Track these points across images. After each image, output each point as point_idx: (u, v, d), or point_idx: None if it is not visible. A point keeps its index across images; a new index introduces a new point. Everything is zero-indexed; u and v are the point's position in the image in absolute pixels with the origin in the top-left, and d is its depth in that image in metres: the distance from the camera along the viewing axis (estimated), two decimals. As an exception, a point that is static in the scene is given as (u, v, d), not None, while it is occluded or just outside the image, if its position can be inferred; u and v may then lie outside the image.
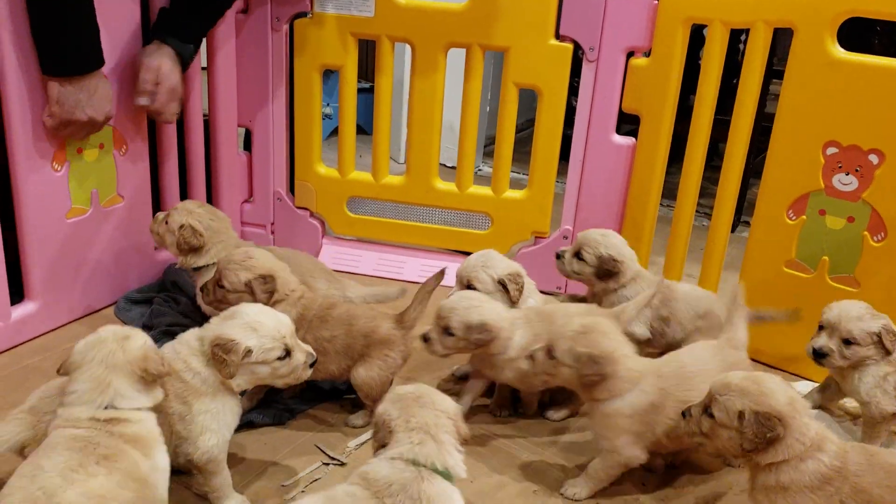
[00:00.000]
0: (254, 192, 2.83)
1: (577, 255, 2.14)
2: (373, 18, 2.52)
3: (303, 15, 2.60)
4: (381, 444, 1.38)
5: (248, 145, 2.82)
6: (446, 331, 1.81)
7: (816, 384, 2.09)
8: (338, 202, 2.77)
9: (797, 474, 1.43)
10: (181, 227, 2.12)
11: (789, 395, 1.46)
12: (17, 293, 2.18)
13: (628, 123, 2.48)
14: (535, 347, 1.73)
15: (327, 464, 1.80)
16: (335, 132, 2.98)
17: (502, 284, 2.02)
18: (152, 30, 2.25)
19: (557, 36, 2.43)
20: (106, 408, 1.38)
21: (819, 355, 1.87)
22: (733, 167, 2.29)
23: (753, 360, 2.26)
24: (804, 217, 2.15)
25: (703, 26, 2.47)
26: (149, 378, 1.43)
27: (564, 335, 1.68)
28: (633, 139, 2.45)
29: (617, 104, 2.43)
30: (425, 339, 1.85)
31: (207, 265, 2.13)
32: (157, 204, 2.51)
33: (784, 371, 2.25)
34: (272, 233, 2.87)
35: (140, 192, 2.41)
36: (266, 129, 2.73)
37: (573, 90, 2.56)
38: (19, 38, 1.93)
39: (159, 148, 2.47)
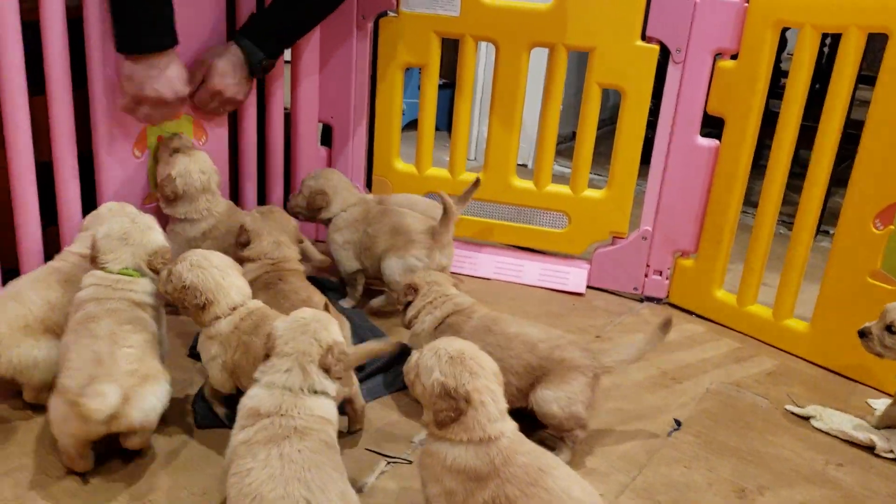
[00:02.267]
0: (330, 187, 2.87)
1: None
2: (458, 18, 2.54)
3: (388, 13, 2.63)
4: (266, 352, 1.51)
5: (325, 140, 2.87)
6: None
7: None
8: (414, 198, 2.80)
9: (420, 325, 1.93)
10: (167, 176, 2.17)
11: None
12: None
13: (706, 126, 2.46)
14: None
15: (390, 462, 1.78)
16: (406, 127, 3.00)
17: None
18: (236, 31, 2.30)
19: (643, 37, 2.42)
20: None
21: (861, 334, 1.92)
22: (818, 175, 2.25)
23: (832, 371, 2.26)
24: (892, 227, 2.10)
25: (786, 29, 2.43)
26: None
27: None
28: (717, 141, 2.43)
29: (702, 106, 2.41)
30: None
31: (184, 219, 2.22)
32: (235, 195, 2.58)
33: (863, 384, 2.22)
34: (348, 226, 2.90)
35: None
36: (346, 125, 2.77)
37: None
38: (103, 23, 1.98)
39: (239, 140, 2.52)
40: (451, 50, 2.68)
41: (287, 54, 2.54)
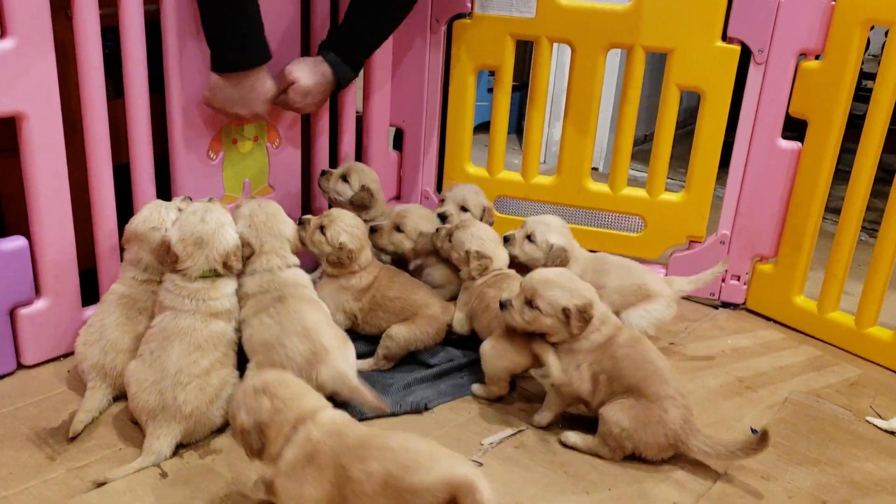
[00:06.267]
0: (401, 191, 2.89)
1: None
2: (533, 19, 2.53)
3: (462, 16, 2.63)
4: (246, 256, 1.92)
5: (396, 144, 2.88)
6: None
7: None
8: (486, 201, 2.79)
9: (586, 343, 1.83)
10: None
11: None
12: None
13: (787, 129, 2.40)
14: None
15: None
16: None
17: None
18: (320, 45, 2.31)
19: (724, 37, 2.38)
20: None
21: (502, 305, 1.90)
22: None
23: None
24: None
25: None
26: None
27: None
28: (799, 144, 2.37)
29: (784, 108, 2.35)
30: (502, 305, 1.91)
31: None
32: (307, 197, 2.61)
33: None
34: (418, 229, 2.90)
35: (290, 184, 2.50)
36: (418, 129, 2.77)
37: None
38: (180, 29, 2.03)
39: (312, 144, 2.55)
40: (519, 52, 2.65)
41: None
